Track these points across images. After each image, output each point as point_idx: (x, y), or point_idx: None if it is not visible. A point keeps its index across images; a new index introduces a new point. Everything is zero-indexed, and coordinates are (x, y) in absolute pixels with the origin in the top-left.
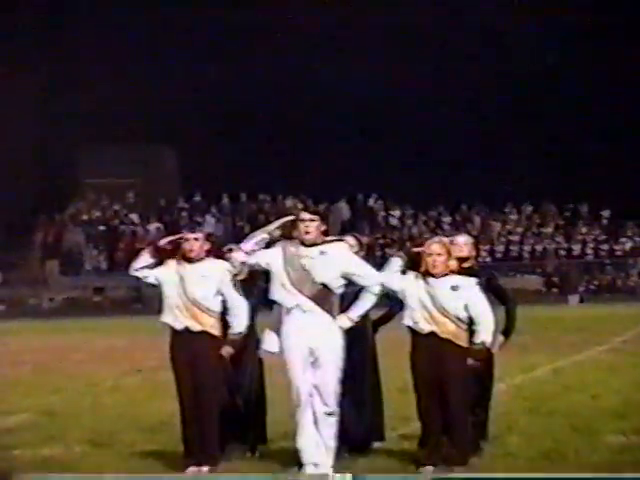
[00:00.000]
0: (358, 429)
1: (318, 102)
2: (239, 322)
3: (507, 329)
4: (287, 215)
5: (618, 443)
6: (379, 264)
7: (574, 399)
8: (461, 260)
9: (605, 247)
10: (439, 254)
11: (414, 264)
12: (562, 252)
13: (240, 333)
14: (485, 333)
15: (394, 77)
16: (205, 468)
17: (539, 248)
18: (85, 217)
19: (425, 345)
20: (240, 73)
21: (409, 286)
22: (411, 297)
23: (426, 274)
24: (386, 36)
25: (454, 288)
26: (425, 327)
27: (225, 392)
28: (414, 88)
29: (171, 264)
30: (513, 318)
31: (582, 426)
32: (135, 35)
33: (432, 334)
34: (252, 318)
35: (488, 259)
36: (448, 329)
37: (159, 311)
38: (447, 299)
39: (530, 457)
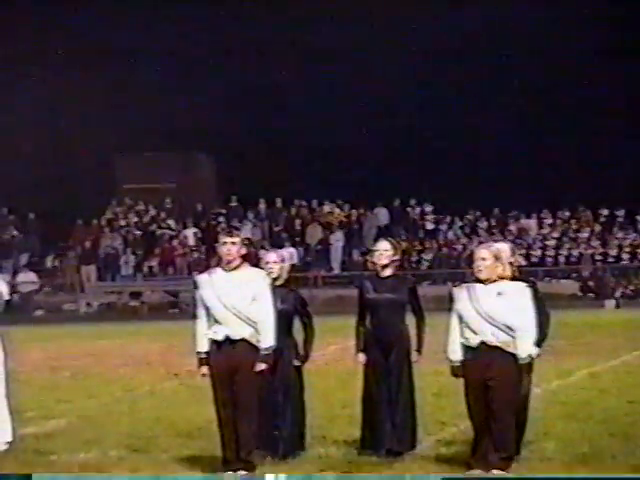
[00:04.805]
0: (392, 434)
1: (356, 106)
2: (267, 337)
3: (540, 340)
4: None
5: None
6: (415, 268)
7: (610, 404)
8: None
9: None
10: (484, 259)
11: None
12: (598, 257)
13: (270, 347)
14: (528, 345)
15: (428, 78)
16: (242, 473)
17: (575, 253)
18: (122, 222)
19: (474, 354)
20: (277, 79)
21: (460, 299)
22: (463, 310)
23: (476, 282)
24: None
25: (500, 294)
26: (474, 340)
27: (262, 399)
28: (452, 89)
29: (210, 272)
30: (546, 332)
31: (618, 431)
32: (174, 42)
33: (482, 343)
34: (288, 324)
35: (524, 264)
36: (498, 338)
37: (194, 316)
38: (493, 306)
39: (566, 462)
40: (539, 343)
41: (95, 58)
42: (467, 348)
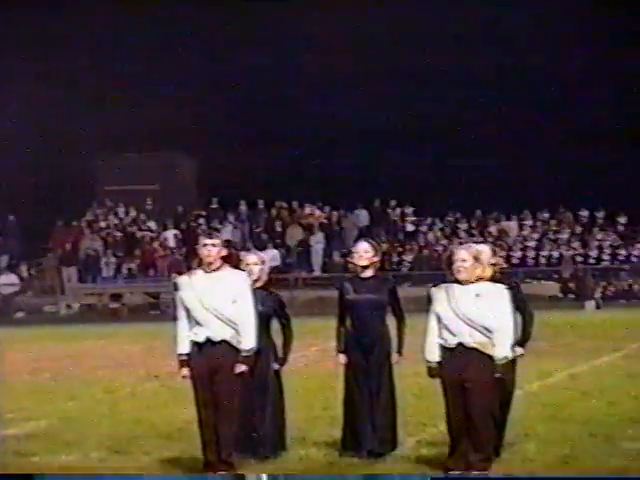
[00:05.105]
0: (373, 435)
1: (335, 108)
2: (248, 338)
3: (523, 341)
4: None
5: (635, 449)
6: (395, 270)
7: (591, 405)
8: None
9: (622, 253)
10: (464, 260)
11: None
12: (579, 258)
13: (251, 349)
14: (504, 347)
15: (410, 82)
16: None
17: (555, 254)
18: (103, 224)
19: (451, 355)
20: (258, 81)
21: (438, 300)
22: (440, 311)
23: (455, 283)
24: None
25: (478, 295)
26: (452, 341)
27: (243, 400)
28: (433, 90)
29: (190, 274)
30: (529, 330)
31: (599, 432)
32: (154, 43)
33: (459, 344)
34: (267, 326)
35: (504, 265)
36: (475, 339)
37: (175, 317)
38: (471, 307)
39: (548, 463)
40: (522, 343)
41: (75, 59)
42: (444, 349)
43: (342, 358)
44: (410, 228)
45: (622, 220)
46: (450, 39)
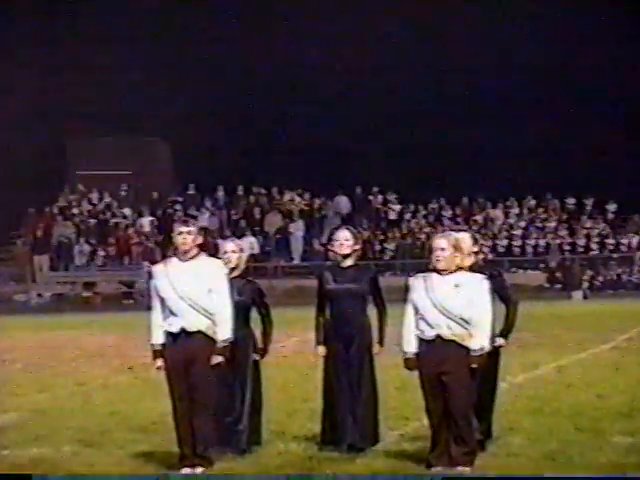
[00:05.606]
0: (354, 429)
1: (316, 93)
2: (224, 329)
3: (505, 331)
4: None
5: (624, 444)
6: (377, 258)
7: (578, 398)
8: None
9: (610, 242)
10: (442, 249)
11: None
12: (566, 247)
13: (227, 339)
14: (482, 338)
15: (394, 68)
16: (199, 469)
17: (542, 243)
18: (75, 210)
19: (429, 347)
20: (236, 63)
21: (416, 290)
22: (418, 301)
23: (434, 272)
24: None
25: (457, 285)
26: (429, 333)
27: (219, 393)
28: (414, 79)
29: (165, 262)
30: (513, 320)
31: (587, 426)
32: (130, 25)
33: (437, 337)
34: (246, 316)
35: (490, 254)
36: (453, 331)
37: (149, 307)
38: (449, 298)
39: (533, 458)
40: (505, 334)
41: (47, 39)
42: (422, 341)
43: (321, 350)
44: (393, 216)
45: (612, 208)
46: (434, 24)
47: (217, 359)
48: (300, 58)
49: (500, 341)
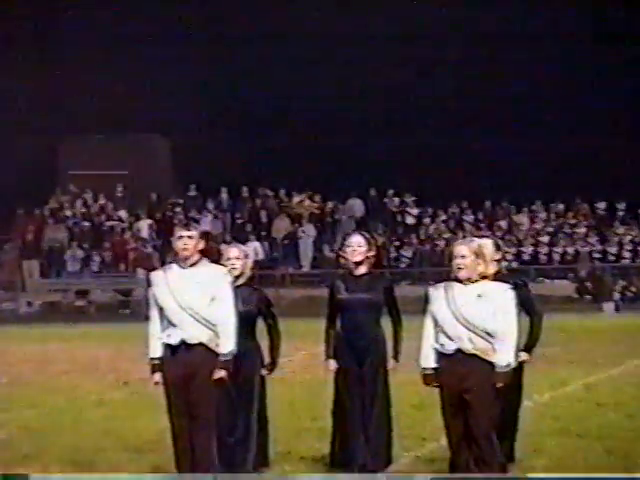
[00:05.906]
0: (365, 449)
1: (330, 90)
2: (228, 341)
3: (529, 345)
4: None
5: None
6: (393, 266)
7: (608, 418)
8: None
9: None
10: (463, 256)
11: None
12: (596, 255)
13: (231, 352)
14: (508, 354)
15: (410, 67)
16: None
17: (570, 250)
18: (68, 212)
19: (449, 362)
20: (241, 60)
21: (436, 300)
22: (438, 313)
23: (455, 281)
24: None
25: (480, 295)
26: (450, 347)
27: (221, 410)
28: (433, 79)
29: (164, 269)
30: (537, 333)
31: (616, 448)
32: (127, 22)
33: (458, 350)
34: (251, 327)
35: (514, 263)
36: (475, 345)
37: (147, 317)
38: (471, 309)
39: None
40: (529, 348)
41: (38, 35)
42: (442, 355)
43: (332, 364)
44: (410, 220)
45: None
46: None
47: (219, 374)
48: (314, 55)
49: (523, 356)
